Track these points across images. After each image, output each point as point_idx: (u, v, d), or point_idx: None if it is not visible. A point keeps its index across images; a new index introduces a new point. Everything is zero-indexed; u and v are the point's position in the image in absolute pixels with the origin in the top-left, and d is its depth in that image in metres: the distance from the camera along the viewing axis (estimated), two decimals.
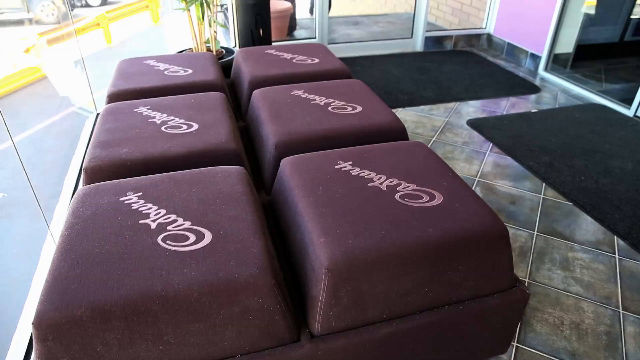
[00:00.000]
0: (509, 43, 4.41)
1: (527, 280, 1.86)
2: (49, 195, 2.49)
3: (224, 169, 1.47)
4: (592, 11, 3.99)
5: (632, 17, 4.03)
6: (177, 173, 1.46)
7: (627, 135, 2.94)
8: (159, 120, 1.81)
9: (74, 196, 1.38)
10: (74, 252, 1.13)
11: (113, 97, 2.10)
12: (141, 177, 1.46)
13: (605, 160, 2.65)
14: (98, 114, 2.89)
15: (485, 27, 4.66)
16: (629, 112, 3.27)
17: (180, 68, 2.33)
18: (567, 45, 3.96)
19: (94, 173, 1.55)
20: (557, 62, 4.01)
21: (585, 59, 4.07)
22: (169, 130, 1.73)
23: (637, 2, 3.97)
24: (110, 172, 1.56)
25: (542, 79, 3.93)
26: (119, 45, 7.64)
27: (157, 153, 1.60)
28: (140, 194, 1.36)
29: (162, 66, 2.36)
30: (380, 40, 4.51)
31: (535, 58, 4.09)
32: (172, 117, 1.83)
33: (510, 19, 4.37)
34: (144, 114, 1.87)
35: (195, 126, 1.76)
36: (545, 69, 4.01)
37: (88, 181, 1.55)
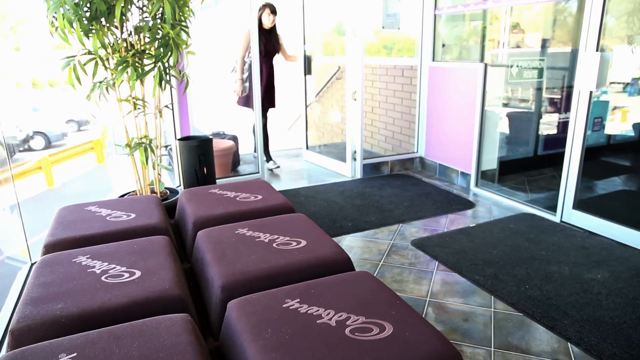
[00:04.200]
0: (440, 164, 4.78)
1: None
2: None
3: (167, 318, 1.41)
4: (507, 131, 4.50)
5: (539, 133, 4.58)
6: (117, 327, 1.38)
7: (559, 241, 3.13)
8: (99, 269, 1.75)
9: None
10: None
11: (50, 248, 2.03)
12: (77, 335, 1.36)
13: (544, 266, 2.78)
14: (33, 264, 2.74)
15: (417, 152, 5.07)
16: (555, 219, 3.52)
17: (123, 213, 2.32)
18: (491, 162, 4.36)
19: (22, 335, 1.43)
20: (485, 178, 4.36)
21: (509, 173, 4.48)
22: (110, 280, 1.67)
23: (541, 121, 4.54)
24: (41, 332, 1.44)
25: (475, 195, 4.22)
26: (61, 187, 7.55)
27: (96, 306, 1.52)
28: (75, 355, 1.26)
29: (104, 212, 2.35)
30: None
31: (466, 176, 4.43)
32: (113, 266, 1.77)
33: (437, 143, 4.80)
34: (83, 263, 1.80)
35: (138, 273, 1.71)
36: (476, 185, 4.33)
37: (14, 345, 1.42)
